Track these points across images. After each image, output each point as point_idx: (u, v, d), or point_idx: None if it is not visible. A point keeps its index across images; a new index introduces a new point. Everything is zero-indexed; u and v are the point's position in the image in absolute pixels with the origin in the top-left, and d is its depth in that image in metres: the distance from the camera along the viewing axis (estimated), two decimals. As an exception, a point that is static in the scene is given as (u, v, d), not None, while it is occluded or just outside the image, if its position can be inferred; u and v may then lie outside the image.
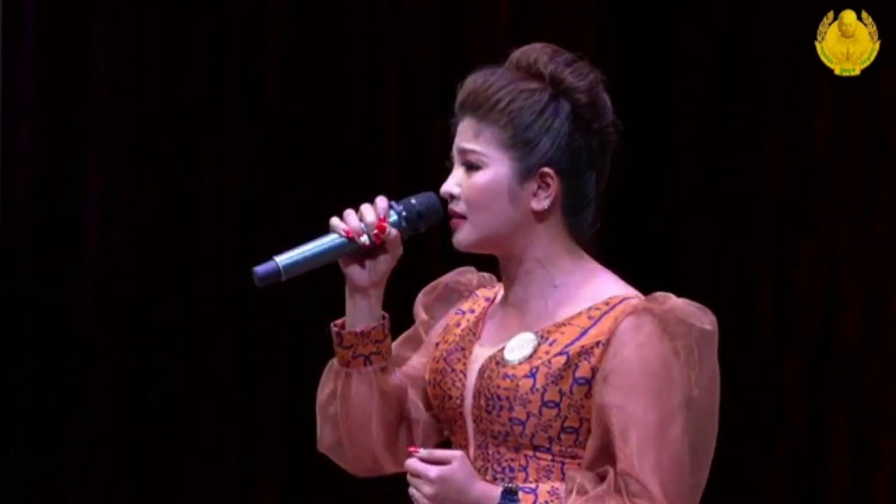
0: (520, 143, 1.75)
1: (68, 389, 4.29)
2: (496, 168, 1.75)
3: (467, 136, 1.77)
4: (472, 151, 1.76)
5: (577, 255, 1.81)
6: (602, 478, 1.70)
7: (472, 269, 1.94)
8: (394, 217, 1.82)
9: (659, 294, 1.76)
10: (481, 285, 1.92)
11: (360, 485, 4.20)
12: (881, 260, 3.90)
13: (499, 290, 1.87)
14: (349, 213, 1.85)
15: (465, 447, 1.80)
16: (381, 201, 1.83)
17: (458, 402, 1.80)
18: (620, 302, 1.75)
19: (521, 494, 1.71)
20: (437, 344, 1.88)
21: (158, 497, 4.31)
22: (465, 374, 1.80)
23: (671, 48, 3.98)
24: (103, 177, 4.32)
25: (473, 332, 1.84)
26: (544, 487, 1.72)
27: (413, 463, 1.71)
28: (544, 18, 4.15)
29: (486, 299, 1.88)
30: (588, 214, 1.81)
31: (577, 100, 1.77)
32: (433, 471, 1.70)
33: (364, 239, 1.83)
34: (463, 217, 1.77)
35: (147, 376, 4.33)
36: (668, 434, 1.71)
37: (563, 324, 1.76)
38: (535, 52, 1.79)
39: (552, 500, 1.71)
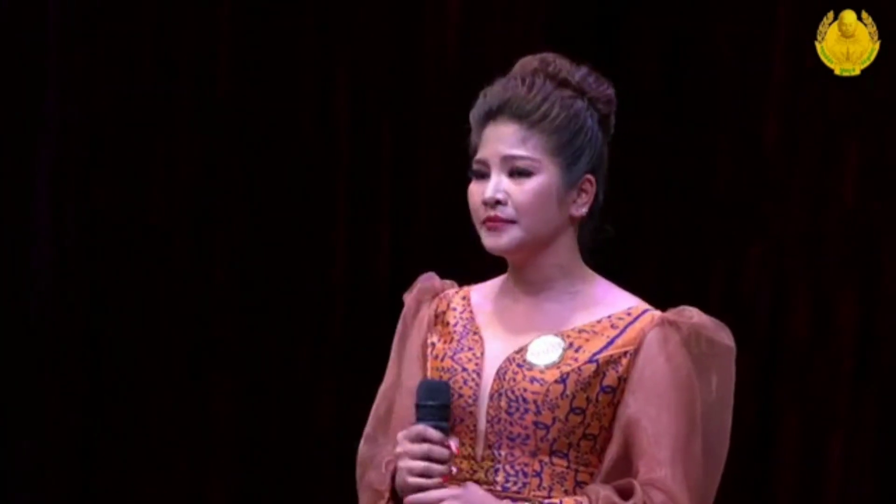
0: (567, 151, 1.80)
1: (18, 391, 4.26)
2: (546, 174, 1.79)
3: (513, 143, 1.79)
4: (522, 157, 1.79)
5: (584, 264, 1.86)
6: (622, 491, 1.73)
7: (434, 274, 1.97)
8: (437, 430, 1.78)
9: (683, 308, 1.81)
10: (444, 289, 1.94)
11: (310, 484, 4.23)
12: (830, 260, 3.93)
13: (469, 293, 1.91)
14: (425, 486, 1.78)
15: (469, 445, 1.80)
16: (435, 443, 1.76)
17: (471, 400, 1.80)
18: (643, 313, 1.81)
19: None
20: (432, 344, 1.88)
21: (110, 497, 4.28)
22: (479, 374, 1.81)
23: (621, 46, 3.99)
24: (53, 179, 4.30)
25: (474, 333, 1.85)
26: (568, 501, 1.74)
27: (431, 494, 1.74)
28: (494, 19, 4.16)
29: (464, 299, 1.90)
30: (597, 221, 1.87)
31: (600, 109, 1.84)
32: (450, 491, 1.74)
33: (453, 469, 1.78)
34: (510, 222, 1.78)
35: (98, 377, 4.30)
36: (692, 446, 1.76)
37: (584, 330, 1.80)
38: (557, 61, 1.84)
39: None
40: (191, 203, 4.29)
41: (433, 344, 1.88)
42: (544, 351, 1.78)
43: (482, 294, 1.91)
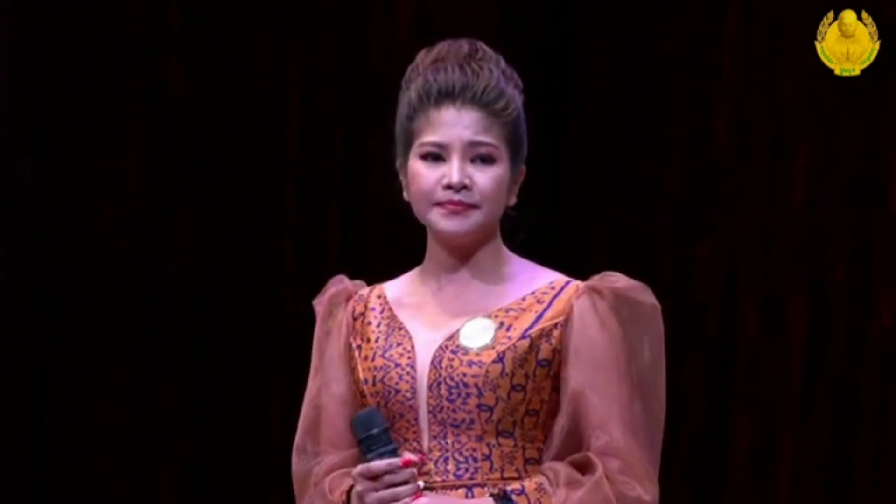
0: (516, 141, 1.85)
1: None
2: (504, 163, 1.83)
3: (478, 130, 1.81)
4: (488, 144, 1.81)
5: (504, 246, 1.89)
6: (579, 465, 1.75)
7: (344, 276, 1.97)
8: (388, 455, 1.76)
9: (605, 273, 1.84)
10: (356, 290, 1.94)
11: (261, 483, 4.21)
12: (780, 259, 3.94)
13: (383, 290, 1.91)
14: None
15: (413, 440, 1.81)
16: (393, 471, 1.75)
17: (409, 395, 1.80)
18: (566, 284, 1.83)
19: (514, 498, 1.75)
20: (358, 346, 1.88)
21: (60, 498, 4.26)
22: (413, 367, 1.81)
23: (574, 46, 3.99)
24: (3, 179, 4.27)
25: (399, 328, 1.85)
26: (530, 485, 1.75)
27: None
28: (444, 18, 4.15)
29: (379, 297, 1.91)
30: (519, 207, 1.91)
31: (522, 98, 1.88)
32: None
33: (420, 484, 1.78)
34: (473, 206, 1.80)
35: (47, 377, 4.28)
36: (635, 408, 1.78)
37: (511, 308, 1.82)
38: (484, 47, 1.86)
39: (542, 497, 1.74)
40: (140, 200, 4.27)
41: (359, 347, 1.88)
42: (476, 334, 1.80)
43: (397, 289, 1.91)
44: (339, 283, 1.95)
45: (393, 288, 1.92)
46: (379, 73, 4.17)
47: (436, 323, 1.84)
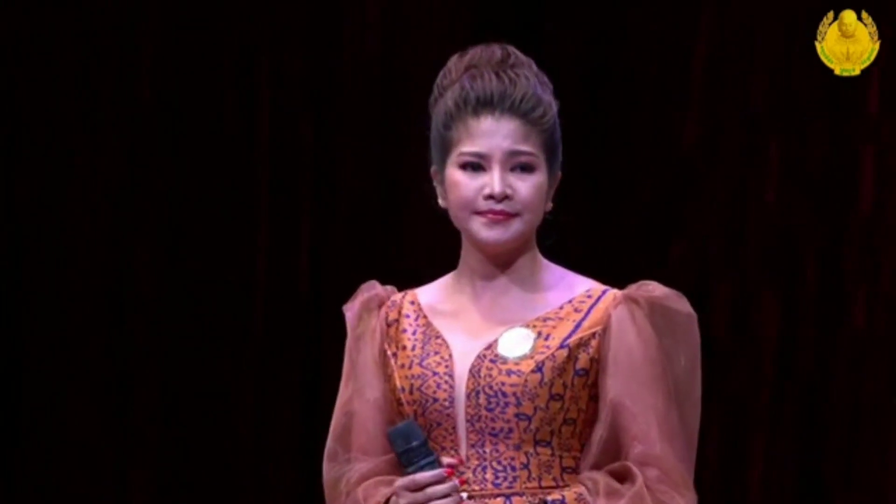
0: (554, 149, 1.84)
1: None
2: (543, 171, 1.82)
3: (517, 139, 1.80)
4: (528, 153, 1.80)
5: (540, 254, 1.88)
6: (618, 475, 1.76)
7: (376, 282, 1.95)
8: (430, 467, 1.77)
9: (642, 282, 1.84)
10: (389, 295, 1.92)
11: (231, 483, 4.19)
12: (751, 259, 3.94)
13: (416, 297, 1.90)
14: None
15: (451, 449, 1.80)
16: (434, 483, 1.76)
17: (447, 403, 1.80)
18: (603, 293, 1.83)
19: None
20: (394, 354, 1.86)
21: (32, 496, 4.23)
22: (451, 376, 1.80)
23: (543, 46, 3.98)
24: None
25: (435, 336, 1.85)
26: (570, 495, 1.76)
27: None
28: (414, 17, 4.14)
29: (412, 303, 1.90)
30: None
31: (556, 103, 1.87)
32: None
33: (463, 496, 1.79)
34: (515, 215, 1.80)
35: (18, 376, 4.25)
36: (672, 418, 1.79)
37: (548, 318, 1.81)
38: (516, 52, 1.85)
39: None
40: (112, 201, 4.25)
41: (395, 354, 1.86)
42: (515, 343, 1.80)
43: (431, 296, 1.91)
44: (371, 289, 1.94)
45: (426, 294, 1.91)
46: (349, 73, 4.16)
47: (473, 331, 1.83)
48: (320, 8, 4.20)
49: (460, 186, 1.81)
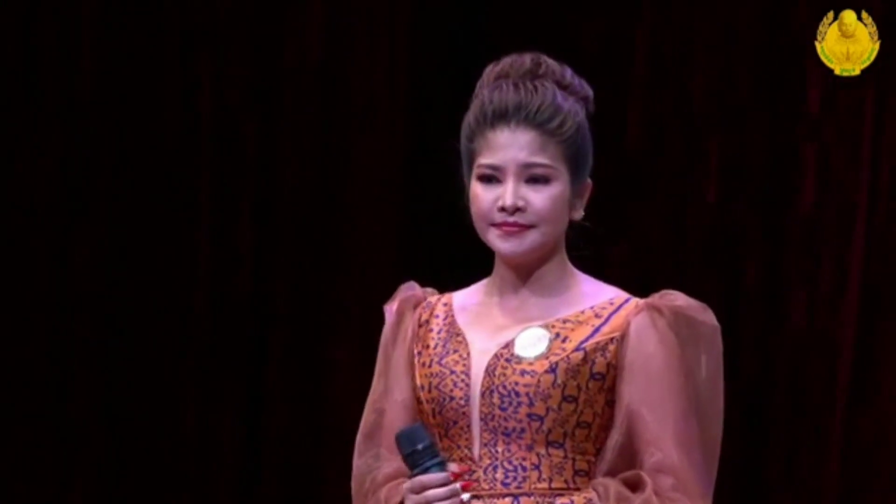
0: (576, 158, 1.84)
1: None
2: (562, 181, 1.82)
3: (532, 150, 1.81)
4: (542, 165, 1.81)
5: (569, 263, 1.90)
6: (630, 483, 1.76)
7: (415, 283, 1.97)
8: (436, 469, 1.78)
9: (666, 291, 1.84)
10: (426, 297, 1.95)
11: (172, 486, 4.17)
12: (693, 260, 3.95)
13: (451, 299, 1.92)
14: None
15: (465, 447, 1.82)
16: (440, 485, 1.77)
17: (463, 402, 1.81)
18: (626, 301, 1.84)
19: None
20: (418, 353, 1.88)
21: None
22: (467, 375, 1.81)
23: (485, 45, 3.98)
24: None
25: (457, 335, 1.86)
26: (579, 500, 1.77)
27: None
28: (357, 19, 4.14)
29: (444, 304, 1.92)
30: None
31: (588, 110, 1.89)
32: None
33: (464, 497, 1.79)
34: (529, 227, 1.81)
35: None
36: (691, 428, 1.78)
37: (568, 320, 1.83)
38: (547, 61, 1.87)
39: None
40: (52, 201, 4.23)
41: (419, 353, 1.89)
42: (531, 343, 1.81)
43: (464, 297, 1.93)
44: (410, 290, 1.96)
45: (460, 297, 1.93)
46: (291, 74, 4.16)
47: (493, 331, 1.85)
48: (262, 8, 4.19)
49: (478, 198, 1.83)
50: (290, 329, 4.22)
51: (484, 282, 1.92)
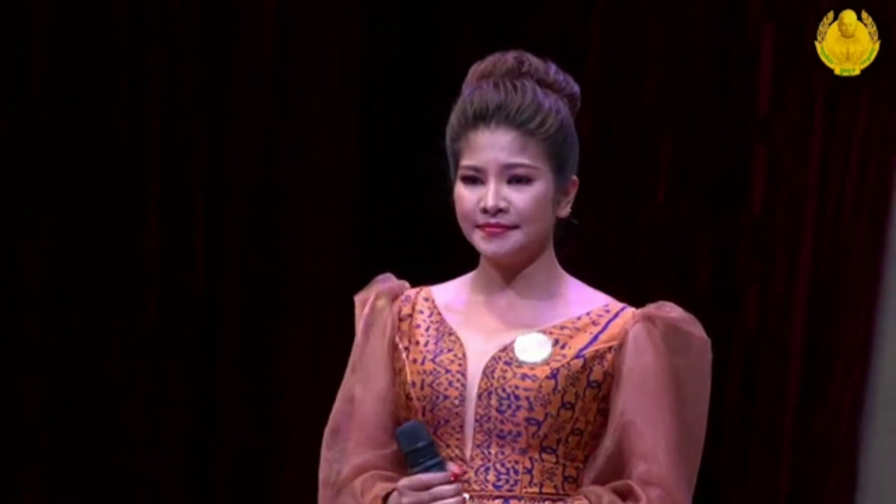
0: (560, 156, 1.83)
1: None
2: (544, 180, 1.81)
3: (513, 151, 1.80)
4: (523, 165, 1.80)
5: (557, 261, 1.90)
6: (621, 492, 1.77)
7: (391, 275, 1.97)
8: (436, 468, 1.78)
9: (661, 303, 1.85)
10: (403, 290, 1.94)
11: (125, 486, 4.15)
12: (643, 260, 3.96)
13: (431, 294, 1.91)
14: None
15: (456, 447, 1.81)
16: (440, 484, 1.77)
17: (457, 401, 1.81)
18: (622, 309, 1.85)
19: None
20: (406, 348, 1.87)
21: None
22: (463, 375, 1.81)
23: (437, 42, 3.99)
24: None
25: (449, 333, 1.86)
26: None
27: None
28: (309, 18, 4.13)
29: (426, 300, 1.91)
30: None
31: (574, 106, 1.89)
32: None
33: (465, 497, 1.80)
34: (512, 227, 1.80)
35: None
36: (680, 439, 1.80)
37: (565, 327, 1.83)
38: (530, 59, 1.86)
39: None
40: (1, 199, 4.20)
41: (407, 349, 1.87)
42: (532, 348, 1.81)
43: (447, 294, 1.92)
44: (385, 282, 1.95)
45: (442, 292, 1.92)
46: (240, 72, 4.15)
47: (488, 332, 1.85)
48: (214, 11, 4.18)
49: (462, 200, 1.83)
50: (240, 327, 4.21)
51: (467, 278, 1.92)
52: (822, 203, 3.89)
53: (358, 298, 1.95)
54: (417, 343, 1.87)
